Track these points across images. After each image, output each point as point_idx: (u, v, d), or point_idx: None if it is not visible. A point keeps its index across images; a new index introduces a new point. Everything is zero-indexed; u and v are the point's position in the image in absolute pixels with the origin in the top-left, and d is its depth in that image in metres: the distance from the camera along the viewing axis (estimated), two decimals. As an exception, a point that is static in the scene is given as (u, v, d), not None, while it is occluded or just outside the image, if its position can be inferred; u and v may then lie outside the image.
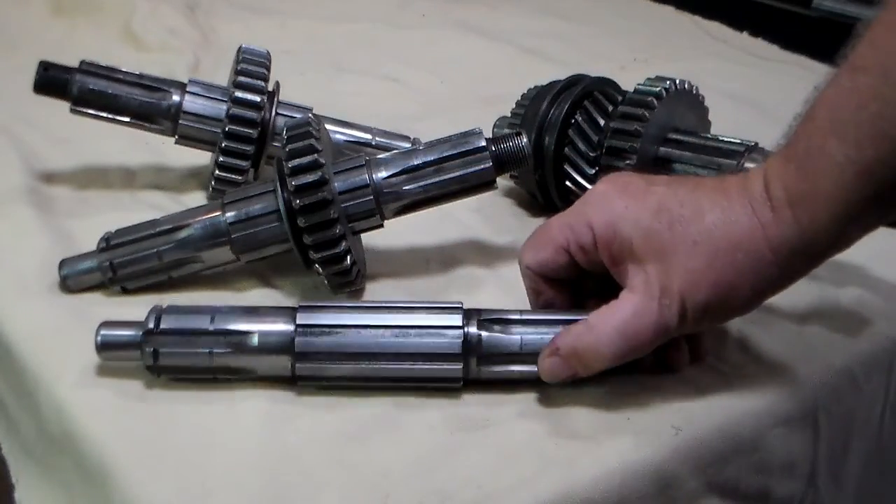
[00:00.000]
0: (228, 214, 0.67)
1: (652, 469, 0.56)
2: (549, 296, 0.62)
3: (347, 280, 0.67)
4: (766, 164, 0.56)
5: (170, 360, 0.58)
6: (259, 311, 0.60)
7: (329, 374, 0.59)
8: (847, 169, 0.52)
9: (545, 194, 0.82)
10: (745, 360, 0.65)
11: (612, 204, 0.59)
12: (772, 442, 0.61)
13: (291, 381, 0.59)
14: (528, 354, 0.59)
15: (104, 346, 0.59)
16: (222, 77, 0.84)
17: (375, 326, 0.58)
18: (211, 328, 0.58)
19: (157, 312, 0.59)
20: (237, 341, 0.58)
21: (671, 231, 0.56)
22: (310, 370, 0.58)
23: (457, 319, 0.59)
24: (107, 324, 0.59)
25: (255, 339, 0.58)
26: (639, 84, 0.77)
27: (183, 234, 0.67)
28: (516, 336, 0.59)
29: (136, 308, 0.61)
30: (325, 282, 0.67)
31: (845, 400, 0.66)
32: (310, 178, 0.63)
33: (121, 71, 0.80)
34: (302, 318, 0.58)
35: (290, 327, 0.58)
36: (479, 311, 0.60)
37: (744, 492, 0.61)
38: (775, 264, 0.55)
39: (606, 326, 0.56)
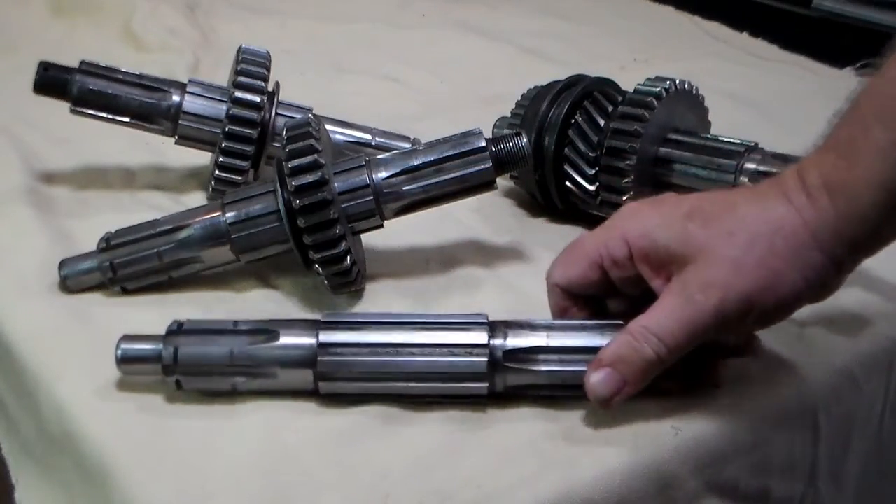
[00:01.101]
0: (228, 215, 0.67)
1: (652, 469, 0.56)
2: (574, 313, 0.61)
3: (347, 280, 0.67)
4: (801, 161, 0.55)
5: (191, 386, 0.58)
6: (281, 328, 0.58)
7: (351, 393, 0.58)
8: (891, 155, 0.51)
9: (545, 194, 0.82)
10: (745, 360, 0.65)
11: (644, 215, 0.58)
12: (772, 442, 0.61)
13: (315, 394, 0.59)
14: (554, 355, 0.58)
15: (125, 360, 0.58)
16: (222, 77, 0.84)
17: (396, 345, 0.57)
18: (231, 362, 0.57)
19: (175, 343, 0.57)
20: (260, 373, 0.57)
21: (706, 228, 0.55)
22: (332, 388, 0.58)
23: (482, 337, 0.57)
24: (127, 338, 0.58)
25: (278, 375, 0.57)
26: (639, 84, 0.77)
27: (183, 234, 0.67)
28: (543, 368, 0.58)
29: (137, 308, 0.61)
30: (325, 282, 0.67)
31: (845, 400, 0.66)
32: (310, 178, 0.63)
33: (121, 71, 0.80)
34: (324, 337, 0.57)
35: (312, 341, 0.57)
36: (505, 324, 0.59)
37: (744, 492, 0.61)
38: (818, 249, 0.53)
39: (644, 329, 0.55)
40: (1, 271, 0.70)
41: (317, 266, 0.65)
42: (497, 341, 0.58)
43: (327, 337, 0.57)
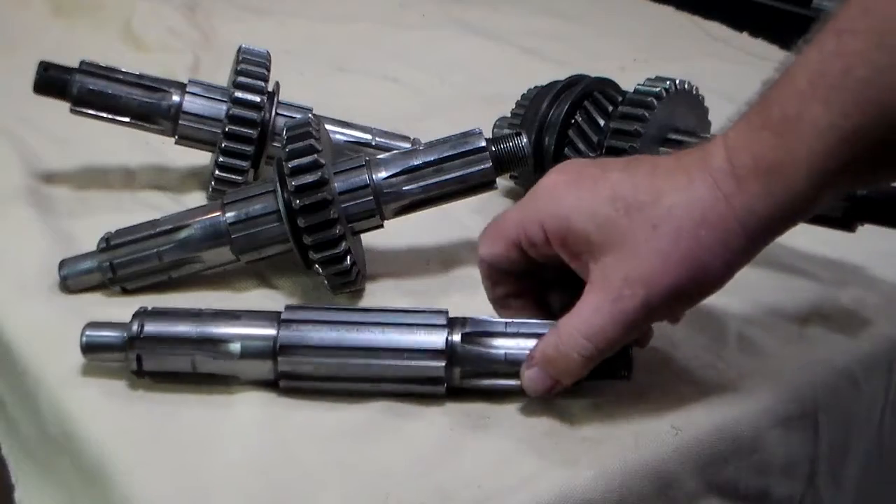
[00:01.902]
0: (228, 215, 0.67)
1: (652, 469, 0.56)
2: (505, 288, 0.61)
3: (347, 280, 0.67)
4: (727, 134, 0.54)
5: (153, 366, 0.58)
6: (242, 317, 0.59)
7: (309, 373, 0.58)
8: (830, 136, 0.50)
9: (545, 194, 0.82)
10: (745, 360, 0.65)
11: (562, 197, 0.56)
12: (772, 442, 0.61)
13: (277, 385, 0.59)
14: (511, 364, 0.58)
15: (89, 348, 0.59)
16: (222, 77, 0.84)
17: (356, 324, 0.58)
18: (193, 335, 0.58)
19: (141, 320, 0.59)
20: (219, 349, 0.58)
21: (628, 218, 0.54)
22: (290, 365, 0.58)
23: (441, 334, 0.58)
24: (92, 324, 0.59)
25: (237, 347, 0.58)
26: (639, 84, 0.77)
27: (183, 234, 0.67)
28: (500, 351, 0.58)
29: (136, 308, 0.61)
30: (325, 282, 0.67)
31: (845, 400, 0.66)
32: (310, 178, 0.63)
33: (121, 71, 0.80)
34: (284, 333, 0.58)
35: (273, 331, 0.58)
36: (464, 321, 0.59)
37: (743, 492, 0.61)
38: (744, 236, 0.52)
39: (571, 329, 0.55)
40: (1, 271, 0.70)
41: (317, 266, 0.65)
42: (455, 336, 0.58)
43: (286, 334, 0.58)
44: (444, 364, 0.57)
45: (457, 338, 0.58)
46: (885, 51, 0.48)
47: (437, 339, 0.58)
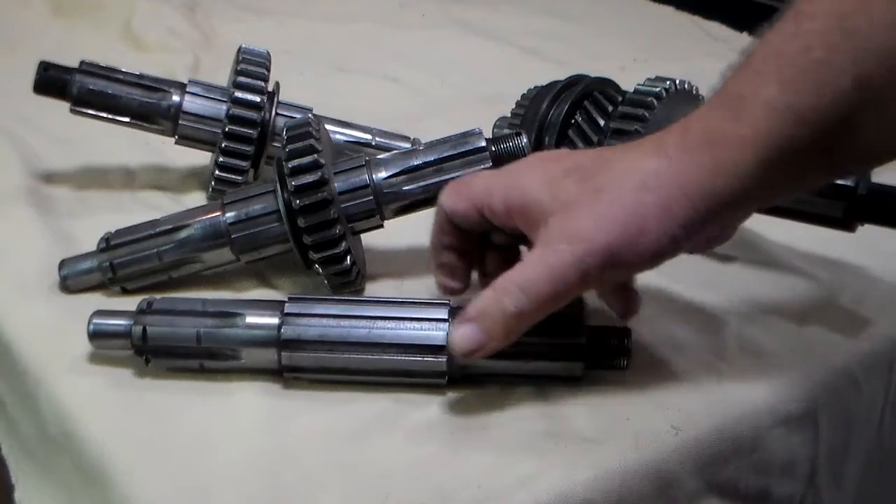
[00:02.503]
0: (228, 215, 0.67)
1: (652, 469, 0.56)
2: (450, 238, 0.61)
3: (347, 280, 0.67)
4: (688, 116, 0.54)
5: (158, 342, 0.59)
6: (248, 304, 0.61)
7: (314, 365, 0.59)
8: (782, 113, 0.50)
9: (545, 194, 0.82)
10: (745, 360, 0.65)
11: (528, 171, 0.58)
12: (772, 442, 0.61)
13: (278, 374, 0.60)
14: (516, 345, 0.58)
15: (96, 335, 0.60)
16: (222, 77, 0.84)
17: (359, 317, 0.59)
18: (200, 310, 0.59)
19: (149, 299, 0.61)
20: (225, 323, 0.59)
21: (578, 184, 0.55)
22: (295, 360, 0.59)
23: (443, 313, 0.59)
24: (99, 312, 0.60)
25: (242, 324, 0.59)
26: (639, 84, 0.77)
27: (183, 234, 0.67)
28: None
29: (136, 308, 0.61)
30: (325, 282, 0.67)
31: (845, 400, 0.66)
32: (310, 178, 0.63)
33: (121, 71, 0.80)
34: (289, 308, 0.59)
35: (277, 319, 0.59)
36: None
37: (744, 492, 0.61)
38: (686, 205, 0.52)
39: (506, 280, 0.55)
40: (1, 271, 0.70)
41: (317, 266, 0.65)
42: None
43: (290, 329, 0.59)
44: (445, 359, 0.58)
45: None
46: (842, 33, 0.49)
47: (439, 330, 0.59)
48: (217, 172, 0.78)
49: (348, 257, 0.65)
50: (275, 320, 0.59)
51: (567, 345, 0.60)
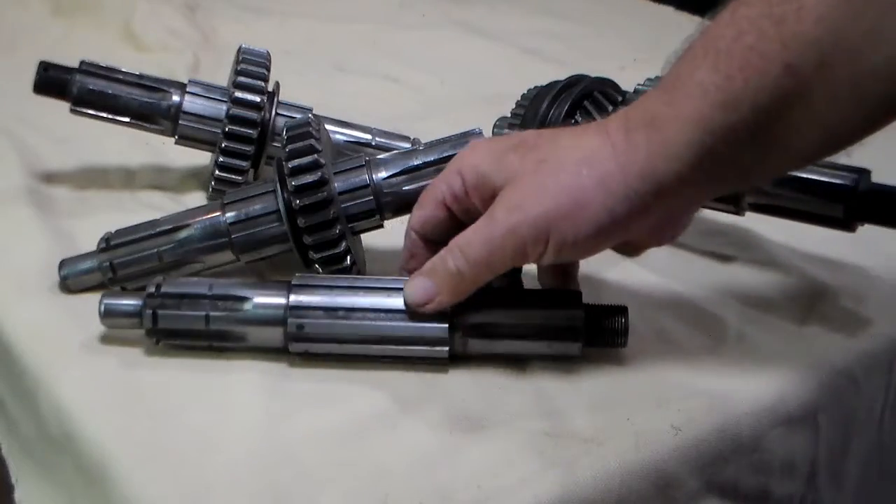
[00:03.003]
0: (228, 215, 0.67)
1: (652, 469, 0.56)
2: (419, 261, 0.62)
3: (347, 280, 0.67)
4: (634, 101, 0.56)
5: (167, 323, 0.60)
6: (255, 283, 0.63)
7: (320, 333, 0.60)
8: (713, 96, 0.51)
9: (545, 194, 0.82)
10: (745, 361, 0.65)
11: (480, 149, 0.60)
12: (772, 442, 0.61)
13: (285, 352, 0.61)
14: (513, 326, 0.60)
15: (107, 313, 0.61)
16: (222, 77, 0.84)
17: (364, 288, 0.61)
18: (208, 293, 0.61)
19: (158, 281, 0.62)
20: (233, 306, 0.60)
21: (522, 157, 0.57)
22: (301, 327, 0.60)
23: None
24: (109, 293, 0.62)
25: (250, 305, 0.60)
26: (639, 84, 0.77)
27: (183, 234, 0.67)
28: (501, 310, 0.61)
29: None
30: (325, 282, 0.67)
31: (845, 400, 0.66)
32: (310, 178, 0.63)
33: (121, 71, 0.80)
34: (294, 295, 0.61)
35: (285, 292, 0.61)
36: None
37: (744, 492, 0.61)
38: (622, 181, 0.53)
39: (452, 242, 0.58)
40: (1, 271, 0.70)
41: (317, 266, 0.65)
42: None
43: (297, 298, 0.60)
44: (447, 325, 0.60)
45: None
46: (772, 19, 0.50)
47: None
48: (217, 172, 0.78)
49: (348, 257, 0.65)
50: (282, 296, 0.60)
51: (565, 325, 0.61)
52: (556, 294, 0.63)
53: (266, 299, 0.61)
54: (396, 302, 0.60)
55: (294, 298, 0.60)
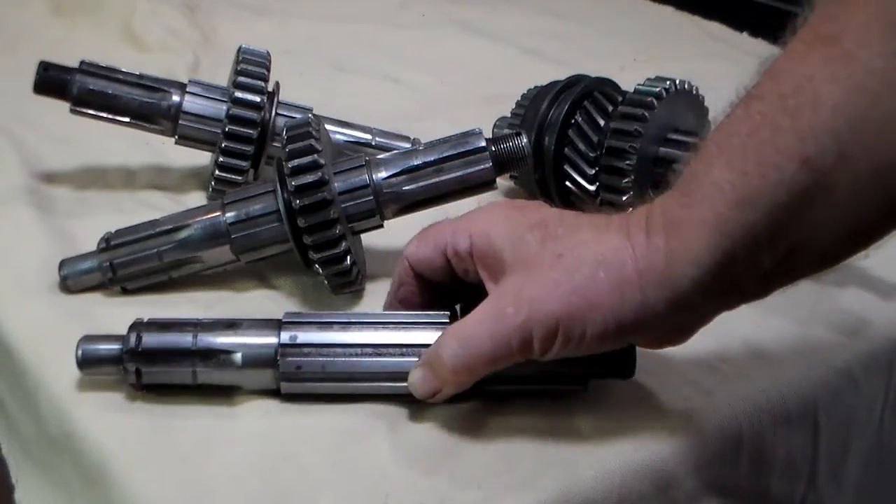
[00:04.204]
0: (228, 215, 0.67)
1: (652, 469, 0.56)
2: (407, 291, 0.61)
3: (347, 280, 0.67)
4: (655, 199, 0.53)
5: (152, 379, 0.57)
6: (243, 326, 0.59)
7: (314, 393, 0.58)
8: (729, 195, 0.48)
9: (545, 194, 0.82)
10: (745, 360, 0.65)
11: (496, 216, 0.57)
12: (772, 442, 0.61)
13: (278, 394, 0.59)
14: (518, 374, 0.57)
15: (85, 363, 0.58)
16: (222, 77, 0.84)
17: (360, 345, 0.58)
18: (193, 348, 0.57)
19: (138, 331, 0.58)
20: (220, 360, 0.57)
21: (541, 245, 0.54)
22: (295, 388, 0.58)
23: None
24: (87, 338, 0.58)
25: (238, 359, 0.57)
26: (639, 84, 0.77)
27: (183, 234, 0.67)
28: None
29: (136, 308, 0.61)
30: (326, 282, 0.67)
31: (845, 400, 0.66)
32: (310, 178, 0.63)
33: (121, 71, 0.80)
34: (286, 336, 0.57)
35: (274, 346, 0.57)
36: None
37: (744, 492, 0.61)
38: (639, 289, 0.51)
39: (449, 333, 0.55)
40: (1, 271, 0.70)
41: (317, 266, 0.65)
42: None
43: (289, 337, 0.57)
44: None
45: None
46: (786, 113, 0.48)
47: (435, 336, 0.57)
48: (217, 172, 0.78)
49: (348, 257, 0.65)
50: (272, 348, 0.57)
51: (569, 371, 0.58)
52: None
53: (255, 340, 0.57)
54: (396, 362, 0.57)
55: (284, 363, 0.57)
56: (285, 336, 0.57)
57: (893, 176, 0.47)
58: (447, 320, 0.59)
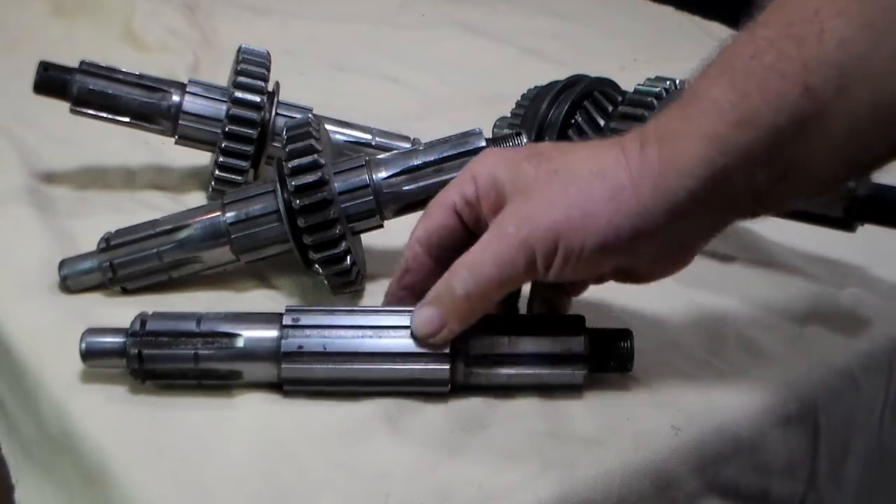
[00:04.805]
0: (228, 215, 0.67)
1: (652, 469, 0.56)
2: (416, 279, 0.60)
3: (347, 280, 0.67)
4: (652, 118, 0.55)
5: (154, 364, 0.58)
6: (244, 318, 0.59)
7: (315, 377, 0.58)
8: (728, 114, 0.50)
9: (545, 194, 0.82)
10: (745, 360, 0.65)
11: (494, 156, 0.59)
12: (772, 442, 0.61)
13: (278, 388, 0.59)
14: (516, 355, 0.58)
15: (89, 354, 0.58)
16: (222, 77, 0.84)
17: (360, 327, 0.58)
18: (196, 330, 0.58)
19: (142, 317, 0.59)
20: (223, 343, 0.58)
21: (537, 168, 0.55)
22: (295, 372, 0.58)
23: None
24: (91, 331, 0.59)
25: (240, 342, 0.58)
26: (639, 84, 0.77)
27: (183, 234, 0.67)
28: (503, 338, 0.58)
29: (137, 308, 0.61)
30: (325, 282, 0.67)
31: (845, 400, 0.66)
32: (310, 178, 0.63)
33: (121, 71, 0.80)
34: (288, 318, 0.58)
35: (276, 332, 0.58)
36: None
37: (744, 492, 0.61)
38: (633, 195, 0.52)
39: (457, 264, 0.56)
40: (1, 271, 0.70)
41: (317, 266, 0.65)
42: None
43: (291, 319, 0.58)
44: (448, 367, 0.57)
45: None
46: (792, 40, 0.49)
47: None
48: (217, 172, 0.78)
49: (348, 257, 0.65)
50: (273, 333, 0.58)
51: (569, 352, 0.58)
52: (558, 319, 0.61)
53: (256, 334, 0.58)
54: (395, 342, 0.57)
55: (286, 343, 0.57)
56: (287, 318, 0.58)
57: (890, 112, 0.49)
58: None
